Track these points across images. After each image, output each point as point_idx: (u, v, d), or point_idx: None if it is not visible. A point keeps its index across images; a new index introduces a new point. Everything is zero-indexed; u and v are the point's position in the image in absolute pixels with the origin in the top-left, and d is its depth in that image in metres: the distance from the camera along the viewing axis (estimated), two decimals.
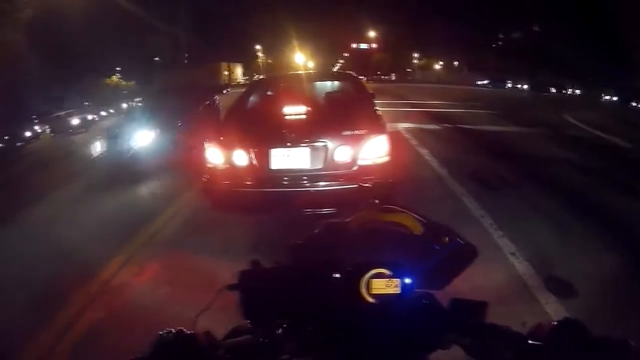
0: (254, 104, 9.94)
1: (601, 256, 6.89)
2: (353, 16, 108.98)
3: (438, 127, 21.40)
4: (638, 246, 7.29)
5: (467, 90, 56.26)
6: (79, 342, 5.82)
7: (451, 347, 1.46)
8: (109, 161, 16.34)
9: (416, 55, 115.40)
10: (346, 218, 2.01)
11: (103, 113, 56.77)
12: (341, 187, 7.68)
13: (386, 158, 7.84)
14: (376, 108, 9.42)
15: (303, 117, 8.28)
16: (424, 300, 1.55)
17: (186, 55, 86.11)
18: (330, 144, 7.71)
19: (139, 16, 65.93)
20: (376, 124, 8.32)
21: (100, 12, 54.86)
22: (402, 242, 1.74)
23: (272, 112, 8.58)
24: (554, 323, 1.37)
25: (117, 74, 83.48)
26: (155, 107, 18.68)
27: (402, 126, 20.63)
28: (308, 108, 8.45)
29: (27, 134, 44.13)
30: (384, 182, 3.17)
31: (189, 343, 1.46)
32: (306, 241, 1.89)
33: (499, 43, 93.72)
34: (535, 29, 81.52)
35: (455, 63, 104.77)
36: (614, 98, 50.82)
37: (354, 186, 6.99)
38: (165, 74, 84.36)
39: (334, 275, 1.58)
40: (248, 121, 8.95)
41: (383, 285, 1.53)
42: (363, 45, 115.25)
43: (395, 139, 8.41)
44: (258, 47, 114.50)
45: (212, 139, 8.30)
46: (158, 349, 1.42)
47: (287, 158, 7.83)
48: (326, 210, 7.60)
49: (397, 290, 1.52)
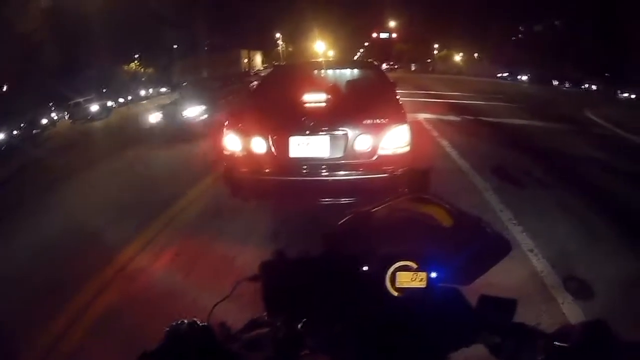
0: (274, 91, 9.77)
1: (622, 258, 6.74)
2: (374, 5, 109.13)
3: (458, 119, 21.31)
4: None
5: (488, 82, 56.25)
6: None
7: (474, 346, 1.42)
8: (167, 129, 20.14)
9: (436, 46, 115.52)
10: (375, 207, 1.93)
11: (121, 100, 56.81)
12: (361, 177, 7.62)
13: (407, 148, 7.71)
14: (398, 98, 9.31)
15: (323, 105, 8.13)
16: (450, 295, 1.54)
17: (206, 42, 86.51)
18: (350, 133, 7.59)
19: (159, 3, 66.31)
20: (397, 114, 8.15)
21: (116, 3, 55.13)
22: (431, 234, 1.68)
23: (292, 100, 8.39)
24: (581, 324, 1.35)
25: (136, 61, 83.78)
26: (201, 88, 24.94)
27: (423, 117, 20.62)
28: (329, 96, 8.28)
29: (44, 121, 44.45)
30: (415, 171, 3.09)
31: (203, 334, 1.45)
32: (335, 230, 1.85)
33: (520, 36, 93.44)
34: (556, 23, 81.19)
35: (475, 55, 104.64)
36: (632, 95, 50.40)
37: (375, 176, 7.49)
38: (184, 62, 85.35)
39: (361, 268, 1.57)
40: (267, 108, 8.76)
41: (409, 278, 1.50)
42: (384, 34, 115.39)
43: (416, 130, 8.32)
44: (278, 35, 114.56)
45: (231, 126, 8.23)
46: (170, 341, 1.41)
47: (307, 146, 7.72)
48: (345, 200, 7.56)
49: (423, 284, 1.50)
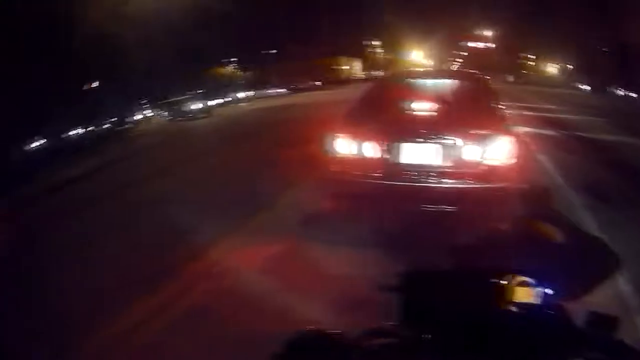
0: (382, 98, 10.03)
1: None
2: (472, 15, 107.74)
3: (556, 134, 21.11)
4: None
5: (581, 95, 54.77)
6: None
7: None
8: None
9: (532, 57, 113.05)
10: (500, 226, 2.25)
11: (220, 100, 57.40)
12: (466, 186, 7.96)
13: (513, 160, 7.94)
14: (502, 109, 9.58)
15: (432, 114, 8.52)
16: (559, 311, 1.76)
17: (303, 49, 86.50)
18: (459, 142, 7.92)
19: (260, 8, 67.10)
20: (504, 125, 8.55)
21: (215, 9, 55.96)
22: (549, 253, 1.96)
23: (400, 108, 8.87)
24: None
25: (234, 64, 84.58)
26: None
27: (522, 130, 20.19)
28: (436, 105, 8.67)
29: (137, 117, 45.54)
30: (536, 188, 3.35)
31: (328, 342, 1.60)
32: (465, 245, 2.13)
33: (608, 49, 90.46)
34: None
35: (569, 66, 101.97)
36: None
37: (481, 185, 7.85)
38: (281, 67, 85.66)
39: (491, 280, 1.75)
40: (377, 115, 9.04)
41: (526, 294, 1.72)
42: (481, 44, 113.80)
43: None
44: (377, 43, 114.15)
45: (341, 130, 8.68)
46: (294, 346, 1.58)
47: (417, 153, 8.12)
48: (447, 207, 7.93)
49: (539, 300, 1.72)
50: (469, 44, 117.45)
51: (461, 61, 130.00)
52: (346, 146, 8.50)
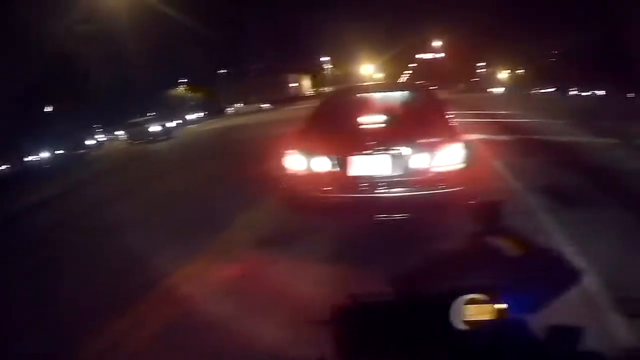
0: (332, 113, 10.22)
1: None
2: (420, 27, 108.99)
3: (510, 138, 21.23)
4: None
5: (534, 98, 55.52)
6: None
7: None
8: None
9: (483, 64, 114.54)
10: (450, 243, 2.11)
11: (174, 123, 56.88)
12: (417, 193, 8.00)
13: (463, 165, 8.06)
14: (451, 117, 9.60)
15: (381, 126, 8.73)
16: (519, 326, 1.64)
17: (252, 67, 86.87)
18: (407, 151, 8.02)
19: (206, 29, 67.12)
20: (452, 132, 8.58)
21: (167, 27, 55.90)
22: (503, 267, 1.83)
23: (350, 121, 9.02)
24: None
25: (184, 85, 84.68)
26: None
27: (473, 137, 20.29)
28: (385, 117, 8.91)
29: (90, 143, 45.08)
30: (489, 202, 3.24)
31: None
32: (420, 261, 2.02)
33: (562, 51, 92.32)
34: (601, 34, 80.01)
35: (521, 71, 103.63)
36: None
37: (431, 192, 7.91)
38: (232, 86, 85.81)
39: (447, 300, 1.62)
40: (327, 130, 9.22)
41: (477, 311, 1.57)
42: (429, 55, 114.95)
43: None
44: (326, 59, 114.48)
45: (292, 146, 8.75)
46: None
47: (367, 165, 8.15)
48: (399, 215, 8.13)
49: (494, 316, 1.57)
50: (418, 56, 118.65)
51: (410, 72, 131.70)
52: (297, 163, 8.61)
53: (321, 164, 8.37)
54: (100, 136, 50.37)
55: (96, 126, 51.77)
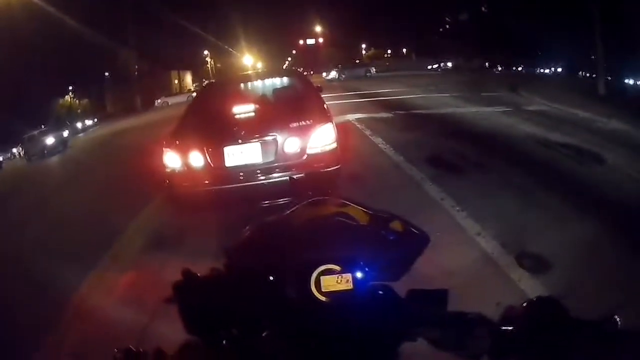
0: (206, 107, 10.13)
1: (571, 228, 6.88)
2: (299, 13, 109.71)
3: (391, 115, 21.27)
4: (607, 214, 7.28)
5: (418, 75, 56.60)
6: None
7: (418, 342, 1.36)
8: None
9: (364, 46, 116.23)
10: (281, 214, 1.79)
11: (65, 132, 54.79)
12: (294, 176, 7.57)
13: (334, 145, 8.31)
14: (322, 100, 9.74)
15: (253, 115, 8.62)
16: (382, 293, 1.45)
17: (136, 67, 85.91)
18: (279, 137, 8.11)
19: (86, 34, 65.59)
20: (321, 114, 8.70)
21: (48, 33, 54.16)
22: (348, 235, 1.53)
23: (223, 113, 8.89)
24: (525, 304, 1.31)
25: (70, 94, 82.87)
26: None
27: (354, 117, 20.55)
28: (257, 105, 8.83)
29: None
30: (320, 172, 2.95)
31: None
32: (241, 243, 1.70)
33: (447, 27, 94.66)
34: (483, 10, 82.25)
35: (403, 50, 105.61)
36: (559, 69, 51.94)
37: (307, 174, 7.69)
38: (116, 90, 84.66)
39: (279, 276, 1.49)
40: (201, 124, 9.18)
41: (334, 282, 1.44)
42: (310, 40, 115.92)
43: (346, 130, 8.45)
44: (206, 53, 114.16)
45: (168, 144, 8.60)
46: None
47: (241, 154, 8.18)
48: (282, 200, 7.71)
49: (349, 285, 1.44)
50: (299, 42, 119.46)
51: (290, 60, 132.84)
52: (175, 159, 8.48)
53: (198, 159, 8.27)
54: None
55: None
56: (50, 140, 43.55)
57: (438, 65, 73.44)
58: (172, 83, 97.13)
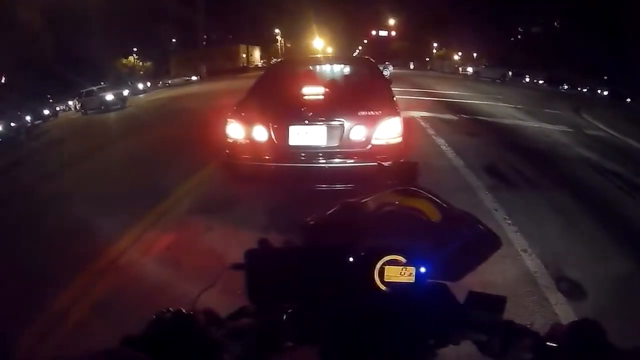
0: (275, 84, 10.15)
1: (615, 260, 6.83)
2: (374, 2, 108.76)
3: (455, 118, 21.22)
4: None
5: (486, 82, 56.00)
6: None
7: (462, 343, 1.41)
8: None
9: (435, 44, 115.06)
10: (363, 198, 1.93)
11: (126, 91, 54.68)
12: (355, 165, 8.11)
13: (399, 139, 8.22)
14: (392, 92, 9.64)
15: (321, 97, 8.63)
16: (439, 292, 1.51)
17: (204, 37, 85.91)
18: (346, 123, 8.06)
19: None
20: (390, 106, 8.62)
21: None
22: (420, 229, 1.65)
23: (292, 92, 8.93)
24: (571, 324, 1.31)
25: (134, 55, 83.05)
26: None
27: (419, 114, 20.67)
28: (326, 89, 8.84)
29: (46, 112, 43.53)
30: (406, 163, 3.07)
31: (187, 322, 1.43)
32: (319, 221, 1.84)
33: (519, 37, 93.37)
34: (556, 25, 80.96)
35: (474, 54, 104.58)
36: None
37: (368, 164, 7.84)
38: (182, 56, 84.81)
39: (348, 259, 1.54)
40: (268, 99, 9.17)
41: (397, 272, 1.48)
42: (382, 32, 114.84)
43: (410, 126, 8.50)
44: (277, 31, 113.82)
45: (234, 115, 8.66)
46: (153, 328, 1.40)
47: (305, 135, 8.19)
48: (339, 186, 8.13)
49: (411, 279, 1.48)
50: (371, 32, 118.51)
51: (360, 49, 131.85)
52: (238, 131, 8.54)
53: (262, 133, 8.31)
54: (55, 106, 48.15)
55: (53, 95, 49.75)
56: (109, 96, 44.25)
57: (504, 74, 72.40)
58: (240, 56, 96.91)
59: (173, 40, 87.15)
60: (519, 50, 79.69)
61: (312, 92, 8.74)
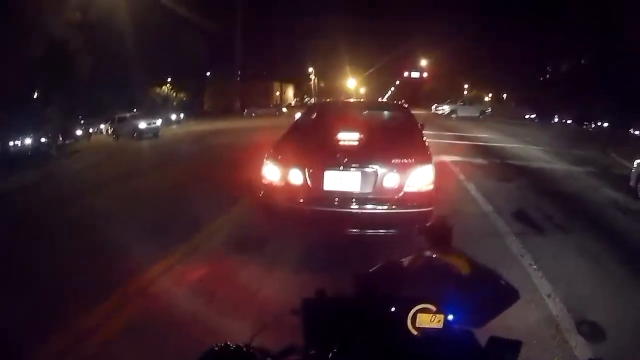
0: (311, 127, 10.57)
1: (637, 305, 6.90)
2: (406, 44, 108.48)
3: (486, 162, 21.37)
4: None
5: (515, 123, 55.71)
6: None
7: None
8: None
9: (466, 86, 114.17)
10: (406, 257, 2.20)
11: (158, 121, 53.83)
12: (387, 211, 8.27)
13: (431, 186, 8.33)
14: (425, 138, 9.85)
15: (356, 143, 8.84)
16: (463, 336, 1.75)
17: (239, 72, 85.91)
18: (380, 170, 8.21)
19: (193, 29, 65.93)
20: (423, 153, 8.75)
21: (154, 21, 54.50)
22: (449, 282, 1.92)
23: (328, 136, 9.13)
24: None
25: (168, 85, 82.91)
26: None
27: (450, 159, 20.84)
28: (361, 135, 9.01)
29: (78, 133, 43.38)
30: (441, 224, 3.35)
31: (246, 356, 1.64)
32: (367, 274, 2.11)
33: (547, 76, 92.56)
34: (583, 63, 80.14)
35: (503, 95, 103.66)
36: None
37: (401, 211, 8.18)
38: (216, 89, 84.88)
39: (389, 308, 1.78)
40: (304, 142, 9.43)
41: (428, 319, 1.72)
42: (414, 74, 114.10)
43: (441, 171, 8.71)
44: (311, 70, 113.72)
45: (270, 157, 8.86)
46: (212, 359, 1.62)
47: (340, 180, 8.31)
48: (371, 231, 8.39)
49: (440, 325, 1.72)
50: (403, 74, 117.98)
51: (392, 90, 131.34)
52: (274, 172, 8.71)
53: (298, 176, 8.47)
54: (88, 127, 48.00)
55: (85, 116, 49.65)
56: (142, 124, 43.76)
57: (536, 115, 71.79)
58: (274, 94, 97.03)
59: (207, 73, 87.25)
60: (549, 90, 79.05)
61: (348, 138, 8.97)
